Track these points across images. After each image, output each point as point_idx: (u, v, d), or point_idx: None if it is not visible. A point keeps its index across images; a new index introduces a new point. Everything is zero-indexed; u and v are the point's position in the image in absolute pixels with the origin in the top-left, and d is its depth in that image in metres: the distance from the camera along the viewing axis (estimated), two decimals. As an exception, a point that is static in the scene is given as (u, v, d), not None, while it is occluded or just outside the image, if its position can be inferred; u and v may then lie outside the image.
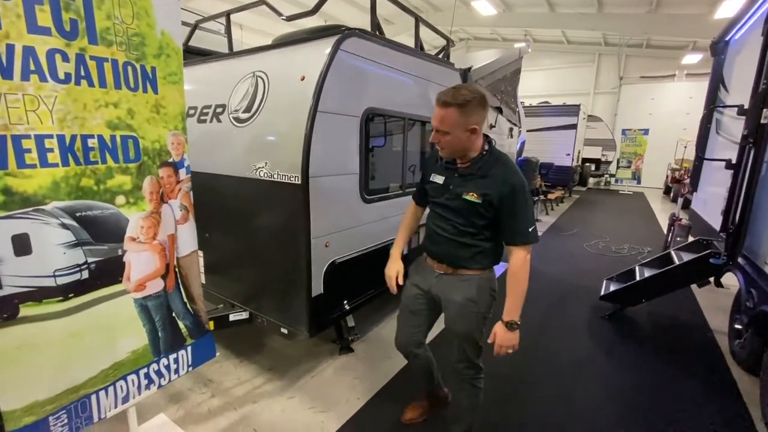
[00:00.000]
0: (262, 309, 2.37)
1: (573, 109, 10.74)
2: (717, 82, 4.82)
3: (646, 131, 15.18)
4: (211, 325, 2.33)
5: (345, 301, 2.41)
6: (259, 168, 2.10)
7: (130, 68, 1.66)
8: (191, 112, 2.54)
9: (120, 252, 1.70)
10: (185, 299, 2.03)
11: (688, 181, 10.10)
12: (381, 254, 2.72)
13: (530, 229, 1.56)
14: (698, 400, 2.57)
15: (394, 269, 1.88)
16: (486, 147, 1.61)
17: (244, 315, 2.42)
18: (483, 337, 1.74)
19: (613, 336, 3.40)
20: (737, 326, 3.13)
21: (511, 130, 5.01)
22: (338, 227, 2.26)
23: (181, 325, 2.01)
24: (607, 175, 14.84)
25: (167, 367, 1.99)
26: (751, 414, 2.46)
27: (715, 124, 4.72)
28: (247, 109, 2.19)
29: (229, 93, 2.32)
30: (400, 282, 1.87)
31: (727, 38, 4.73)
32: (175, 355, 2.01)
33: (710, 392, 2.65)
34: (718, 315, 3.86)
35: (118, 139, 1.64)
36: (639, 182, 15.01)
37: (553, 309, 3.94)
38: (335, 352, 2.97)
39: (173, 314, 1.97)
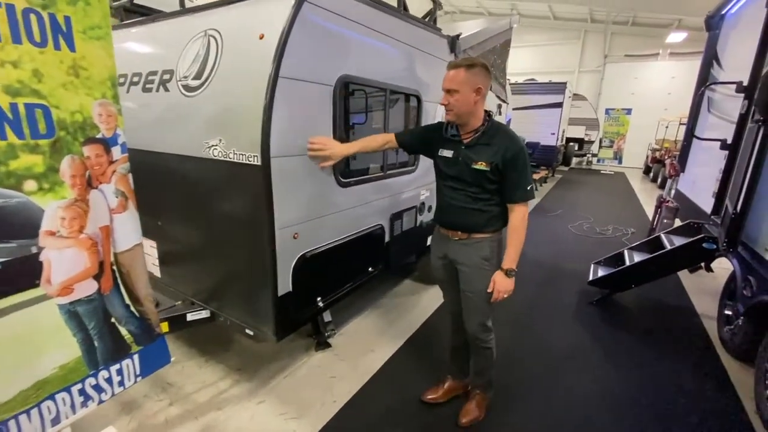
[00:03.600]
0: (223, 308, 2.10)
1: (559, 87, 10.50)
2: (710, 58, 4.63)
3: (629, 111, 15.18)
4: (164, 326, 2.05)
5: (318, 299, 2.15)
6: (212, 146, 1.77)
7: (33, 17, 1.30)
8: (135, 79, 2.16)
9: (35, 249, 1.39)
10: (128, 301, 1.73)
11: (670, 161, 10.15)
12: (360, 243, 2.46)
13: (528, 188, 1.75)
14: (688, 390, 2.47)
15: (331, 141, 2.05)
16: (487, 118, 1.77)
17: (204, 314, 2.14)
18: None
19: (601, 323, 3.29)
20: (727, 312, 3.05)
21: (499, 106, 4.74)
22: (309, 215, 1.97)
23: (123, 331, 1.73)
24: (589, 155, 14.84)
25: (108, 380, 1.71)
26: (743, 404, 2.38)
27: (707, 102, 4.56)
28: (198, 75, 1.84)
29: (178, 56, 1.95)
30: (318, 152, 1.98)
31: (723, 12, 4.51)
32: (117, 366, 1.73)
33: (700, 382, 2.56)
34: (704, 298, 3.80)
35: (21, 108, 1.30)
36: (620, 162, 15.11)
37: (539, 294, 3.80)
38: (311, 348, 2.74)
39: (112, 320, 1.68)
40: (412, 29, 2.62)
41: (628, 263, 3.53)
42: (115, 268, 1.66)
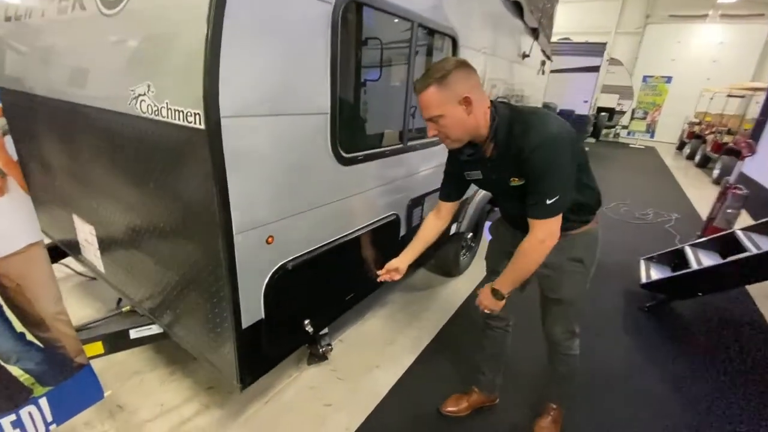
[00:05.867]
0: (175, 326, 1.54)
1: (598, 49, 9.32)
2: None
3: (669, 79, 13.80)
4: (94, 349, 1.51)
5: (306, 321, 1.58)
6: (139, 96, 1.14)
7: None
8: (49, -6, 1.50)
9: None
10: (21, 329, 1.18)
11: (713, 138, 9.14)
12: (367, 241, 1.85)
13: (549, 201, 1.20)
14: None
15: (391, 263, 1.58)
16: (493, 114, 1.28)
17: (156, 329, 1.60)
18: (587, 299, 1.62)
19: (658, 337, 2.71)
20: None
21: (543, 63, 3.92)
22: (292, 209, 1.34)
23: (15, 371, 1.19)
24: (618, 127, 13.67)
25: (-2, 438, 1.19)
26: None
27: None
28: (118, -19, 1.18)
29: (97, -47, 1.28)
30: (391, 278, 1.58)
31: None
32: (13, 417, 1.21)
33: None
34: (776, 308, 3.18)
35: None
36: (653, 136, 13.96)
37: (578, 295, 3.21)
38: (303, 359, 2.22)
39: (-7, 357, 1.13)
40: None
41: (694, 265, 2.89)
42: (-10, 282, 1.09)
